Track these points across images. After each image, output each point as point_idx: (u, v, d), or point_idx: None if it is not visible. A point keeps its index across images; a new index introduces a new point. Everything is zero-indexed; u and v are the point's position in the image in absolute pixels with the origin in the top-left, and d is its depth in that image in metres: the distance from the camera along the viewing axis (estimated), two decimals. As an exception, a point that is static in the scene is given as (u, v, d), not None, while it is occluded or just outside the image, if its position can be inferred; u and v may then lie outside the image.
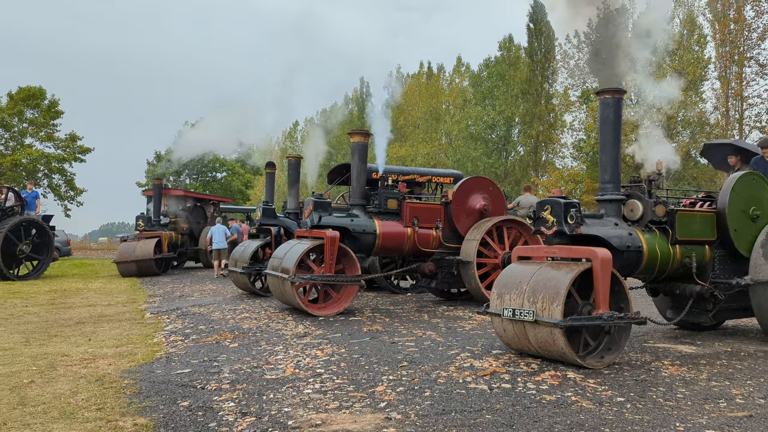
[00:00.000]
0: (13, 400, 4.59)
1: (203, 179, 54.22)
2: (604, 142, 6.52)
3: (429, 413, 4.21)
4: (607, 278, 5.49)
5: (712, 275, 6.95)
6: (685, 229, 6.69)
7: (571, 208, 6.00)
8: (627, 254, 6.27)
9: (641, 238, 6.43)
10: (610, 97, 6.43)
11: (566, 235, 6.00)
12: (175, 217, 21.22)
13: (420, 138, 48.57)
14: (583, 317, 5.50)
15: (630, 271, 6.54)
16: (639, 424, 3.99)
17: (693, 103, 33.78)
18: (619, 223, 6.43)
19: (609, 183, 6.53)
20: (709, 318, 7.17)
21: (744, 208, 6.97)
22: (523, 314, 5.51)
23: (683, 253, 6.72)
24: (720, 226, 6.94)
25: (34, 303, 11.09)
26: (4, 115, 37.74)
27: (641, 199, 6.64)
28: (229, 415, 4.22)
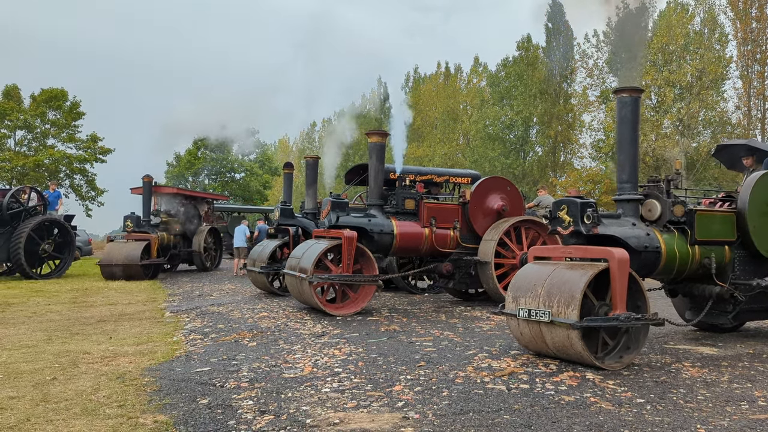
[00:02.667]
0: (36, 397, 4.66)
1: (222, 180, 54.61)
2: (622, 141, 6.45)
3: (447, 413, 4.21)
4: (624, 279, 5.43)
5: (732, 276, 6.82)
6: (704, 229, 6.58)
7: (588, 208, 5.95)
8: (645, 255, 6.20)
9: (659, 239, 6.34)
10: (628, 96, 6.36)
11: (583, 235, 5.95)
12: (167, 216, 19.73)
13: (437, 138, 48.49)
14: (600, 318, 5.44)
15: (648, 272, 6.45)
16: (659, 426, 3.95)
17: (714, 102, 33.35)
18: (637, 223, 6.35)
19: (627, 183, 6.45)
20: (728, 320, 7.03)
21: (764, 209, 6.86)
22: (539, 315, 5.47)
23: (702, 254, 6.61)
24: (740, 226, 6.82)
25: (56, 301, 11.25)
26: (27, 116, 38.35)
27: (659, 199, 6.57)
28: (248, 413, 4.25)
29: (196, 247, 19.69)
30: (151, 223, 18.28)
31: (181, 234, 19.90)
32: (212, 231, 20.69)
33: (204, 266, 19.85)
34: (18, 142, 39.33)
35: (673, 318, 6.86)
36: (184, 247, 19.96)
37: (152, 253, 17.19)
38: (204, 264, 19.84)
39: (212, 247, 20.75)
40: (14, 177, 37.15)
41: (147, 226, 17.96)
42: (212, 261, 20.74)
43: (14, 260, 16.12)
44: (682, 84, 33.14)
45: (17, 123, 38.39)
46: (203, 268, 19.85)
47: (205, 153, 54.25)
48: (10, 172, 37.10)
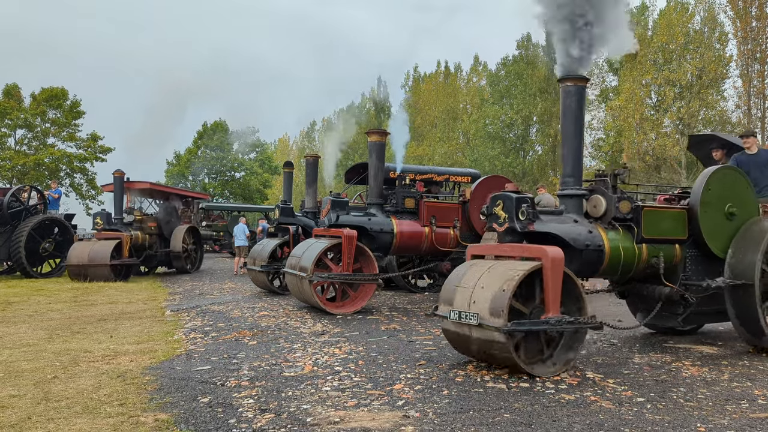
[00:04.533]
0: (37, 395, 4.67)
1: (222, 179, 54.61)
2: (566, 133, 6.08)
3: (447, 412, 4.21)
4: (558, 279, 5.10)
5: (682, 277, 6.44)
6: (651, 226, 6.20)
7: (523, 204, 5.60)
8: (586, 253, 5.83)
9: (603, 236, 5.97)
10: (572, 84, 5.98)
11: (518, 232, 5.60)
12: (142, 214, 18.17)
13: (437, 137, 48.50)
14: (528, 321, 5.09)
15: (591, 272, 6.10)
16: (659, 425, 3.96)
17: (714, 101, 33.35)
18: (580, 220, 5.99)
19: (570, 177, 6.09)
20: (678, 322, 6.65)
21: (719, 206, 6.45)
22: (468, 318, 5.10)
23: (650, 253, 6.23)
24: (692, 224, 6.43)
25: (57, 300, 11.26)
26: (27, 115, 38.36)
27: (605, 195, 6.20)
28: (249, 411, 4.25)
29: (174, 248, 18.06)
30: (124, 222, 16.96)
31: (158, 233, 18.29)
32: (192, 231, 19.28)
33: (183, 268, 18.25)
34: (18, 141, 39.33)
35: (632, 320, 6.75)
36: (161, 248, 18.34)
37: (124, 253, 15.88)
38: (183, 265, 18.25)
39: (192, 247, 19.20)
40: (15, 176, 37.16)
41: (119, 224, 16.72)
42: (192, 262, 19.10)
43: (15, 259, 16.14)
44: (682, 83, 33.14)
45: (18, 122, 38.39)
46: (182, 269, 18.27)
47: (205, 152, 54.25)
48: (10, 171, 37.12)
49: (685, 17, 33.21)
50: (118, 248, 15.71)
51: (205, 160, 54.22)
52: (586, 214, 6.19)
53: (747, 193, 6.65)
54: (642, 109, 33.74)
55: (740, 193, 6.60)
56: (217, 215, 35.96)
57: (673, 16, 33.11)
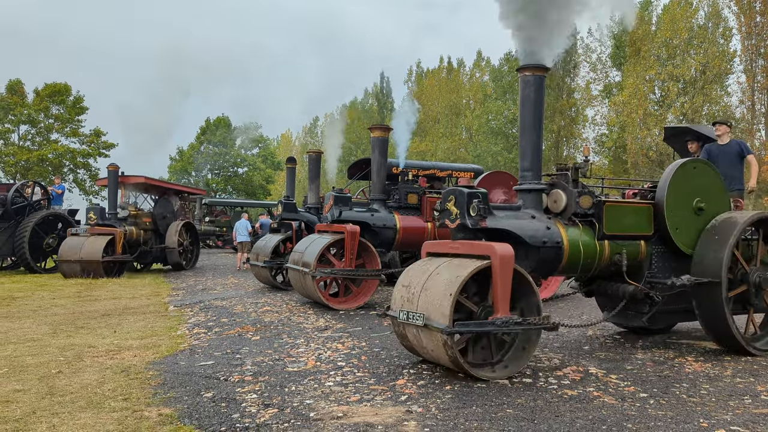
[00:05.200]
0: (42, 390, 4.69)
1: (225, 175, 54.65)
2: (524, 125, 5.77)
3: (450, 407, 4.22)
4: (506, 278, 4.87)
5: (648, 274, 6.14)
6: (613, 222, 5.90)
7: (474, 199, 5.32)
8: (543, 250, 5.55)
9: (562, 233, 5.68)
10: (531, 74, 5.69)
11: (470, 228, 5.34)
12: (136, 210, 17.64)
13: (440, 133, 48.47)
14: (472, 323, 4.87)
15: (550, 270, 5.84)
16: (662, 420, 3.96)
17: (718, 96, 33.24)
18: (538, 216, 5.70)
19: (528, 171, 5.79)
20: (642, 321, 6.26)
21: (686, 200, 6.19)
22: (415, 318, 4.92)
23: (613, 250, 5.93)
24: (657, 219, 6.13)
25: (60, 295, 11.29)
26: (30, 111, 38.42)
27: (565, 190, 5.91)
28: (252, 406, 4.27)
29: (170, 244, 17.47)
30: (118, 217, 16.47)
31: (153, 229, 17.76)
32: (188, 226, 18.71)
33: (178, 264, 17.66)
34: (22, 137, 39.41)
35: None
36: (156, 244, 17.74)
37: (117, 249, 15.46)
38: (178, 262, 17.65)
39: (188, 243, 18.62)
40: (18, 171, 37.26)
41: (113, 219, 16.24)
42: (188, 259, 18.53)
43: (19, 254, 16.20)
44: (686, 78, 33.05)
45: (21, 118, 38.47)
46: (178, 266, 17.70)
47: (208, 148, 54.29)
48: (14, 167, 37.21)
49: (689, 12, 33.09)
50: (111, 244, 15.29)
51: (208, 155, 54.26)
52: (547, 210, 5.96)
53: (717, 187, 6.38)
54: (645, 104, 33.67)
55: (709, 187, 6.32)
56: (220, 211, 36.01)
57: (677, 11, 32.99)
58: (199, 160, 53.99)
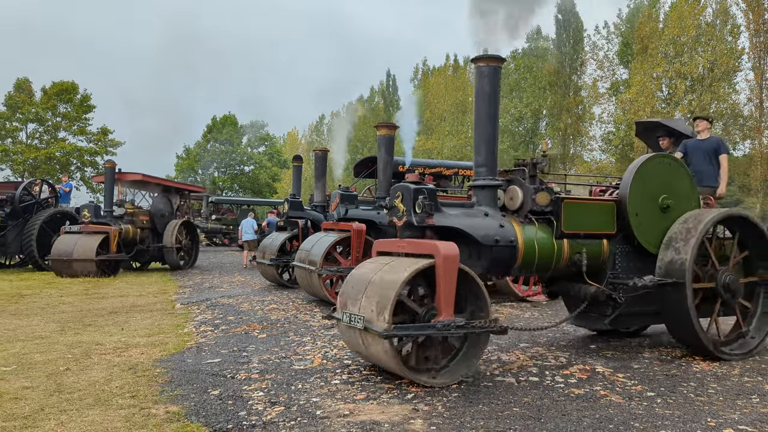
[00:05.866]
0: (50, 387, 4.72)
1: (231, 173, 54.76)
2: (479, 118, 5.50)
3: (456, 405, 4.22)
4: (450, 279, 4.64)
5: (610, 275, 5.83)
6: (573, 220, 5.62)
7: (420, 195, 5.08)
8: (496, 249, 5.28)
9: (516, 231, 5.40)
10: (485, 65, 5.43)
11: (416, 226, 5.12)
12: (134, 207, 17.19)
13: (446, 131, 48.40)
14: (412, 326, 4.63)
15: (504, 270, 5.58)
16: (669, 419, 3.95)
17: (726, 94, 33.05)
18: (491, 213, 5.43)
19: (482, 166, 5.51)
20: (604, 324, 5.97)
21: (652, 197, 5.89)
22: (356, 321, 4.73)
23: (573, 249, 5.62)
24: (621, 217, 5.84)
25: (68, 293, 11.35)
26: (38, 109, 38.61)
27: (522, 186, 5.65)
28: (259, 404, 4.28)
29: (167, 243, 17.00)
30: (114, 214, 16.11)
31: (150, 228, 17.35)
32: (186, 225, 18.20)
33: (175, 264, 17.17)
34: (30, 135, 39.62)
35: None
36: (153, 243, 17.32)
37: (111, 248, 15.03)
38: (176, 261, 17.17)
39: (187, 242, 18.13)
40: (26, 170, 37.45)
41: (109, 217, 15.86)
42: (187, 259, 18.05)
43: (27, 252, 16.30)
44: (694, 76, 32.88)
45: (29, 116, 38.67)
46: (175, 266, 17.21)
47: (214, 146, 54.42)
48: (22, 165, 37.40)
49: (696, 9, 32.90)
50: (106, 243, 14.91)
51: (215, 153, 54.38)
52: (505, 207, 5.72)
53: (685, 184, 6.09)
54: (653, 102, 33.52)
55: (676, 184, 6.03)
56: (226, 209, 36.10)
57: (685, 8, 32.82)
58: (206, 158, 54.12)
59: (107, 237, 14.96)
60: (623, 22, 40.53)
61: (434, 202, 5.11)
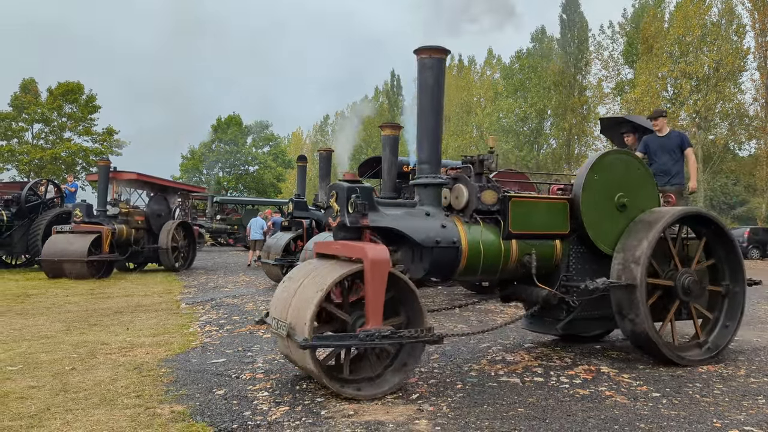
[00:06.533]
0: (55, 386, 4.73)
1: (236, 173, 54.86)
2: (422, 113, 5.21)
3: (461, 405, 4.22)
4: (379, 284, 4.35)
5: (563, 277, 5.53)
6: (521, 220, 5.31)
7: (353, 194, 4.76)
8: (437, 251, 4.98)
9: (460, 232, 5.10)
10: (428, 56, 5.16)
11: (350, 227, 4.80)
12: (128, 207, 16.81)
13: (451, 131, 48.39)
14: (332, 336, 4.37)
15: (446, 273, 5.25)
16: (675, 420, 3.94)
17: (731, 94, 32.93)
18: (434, 213, 5.13)
19: (425, 163, 5.22)
20: (556, 329, 5.69)
21: (607, 195, 5.59)
22: (281, 328, 4.50)
23: (522, 250, 5.33)
24: (575, 217, 5.51)
25: (74, 293, 11.39)
26: (44, 110, 38.77)
27: (467, 184, 5.36)
28: (264, 404, 4.28)
29: (162, 244, 16.67)
30: (108, 214, 15.78)
31: (146, 228, 17.01)
32: (184, 226, 17.90)
33: (172, 266, 16.82)
34: (35, 135, 39.81)
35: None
36: (148, 243, 16.96)
37: (103, 248, 14.67)
38: (171, 263, 16.81)
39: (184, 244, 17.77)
40: (32, 170, 37.61)
41: (102, 216, 15.56)
42: (184, 260, 17.70)
43: (33, 252, 16.37)
44: (699, 75, 32.77)
45: (35, 116, 38.84)
46: (170, 267, 16.87)
47: (219, 146, 54.53)
48: (28, 165, 37.56)
49: (702, 9, 32.82)
50: (97, 243, 14.53)
51: (219, 154, 54.47)
52: (451, 207, 5.45)
53: (643, 182, 5.79)
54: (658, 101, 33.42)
55: (634, 182, 5.72)
56: (231, 209, 36.16)
57: (690, 8, 32.73)
58: (211, 159, 54.21)
59: (99, 237, 14.59)
60: (628, 22, 40.46)
61: (369, 202, 4.81)
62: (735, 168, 38.62)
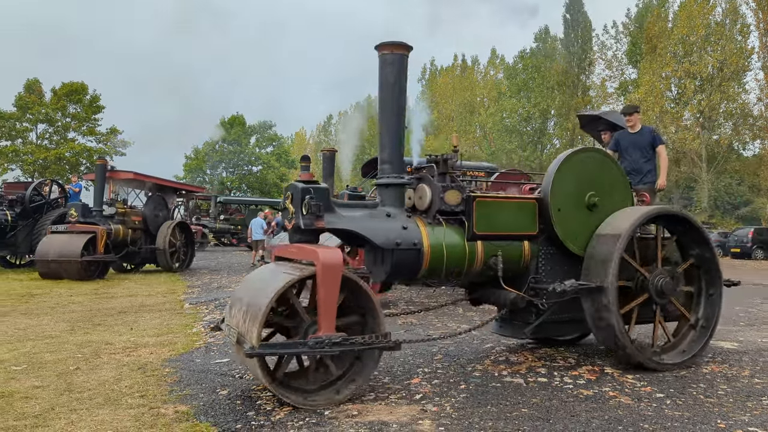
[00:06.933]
0: (60, 386, 4.75)
1: (239, 173, 54.92)
2: (383, 111, 5.01)
3: (465, 406, 4.22)
4: (331, 289, 4.17)
5: (532, 279, 5.32)
6: (486, 220, 5.11)
7: (306, 195, 4.58)
8: (397, 253, 4.80)
9: (422, 233, 4.92)
10: (389, 52, 4.97)
11: (302, 230, 4.63)
12: (125, 207, 16.63)
13: (454, 131, 48.38)
14: (279, 344, 4.20)
15: (408, 276, 5.06)
16: (679, 421, 3.93)
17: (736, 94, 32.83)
18: (395, 214, 4.95)
19: (387, 163, 5.05)
20: (524, 333, 5.48)
21: (577, 195, 5.40)
22: (232, 334, 4.38)
23: (488, 252, 5.14)
24: (544, 217, 5.34)
25: (78, 293, 11.42)
26: (48, 110, 38.86)
27: (430, 184, 5.17)
28: (267, 404, 4.29)
29: (159, 245, 16.49)
30: (104, 214, 15.53)
31: (143, 228, 16.84)
32: (182, 226, 17.74)
33: (169, 266, 16.62)
34: (40, 136, 39.91)
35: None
36: (146, 244, 16.80)
37: (98, 248, 14.42)
38: (169, 264, 16.61)
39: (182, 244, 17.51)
40: (36, 170, 37.72)
41: (98, 216, 15.29)
42: (182, 261, 17.51)
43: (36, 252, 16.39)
44: (703, 75, 32.70)
45: (39, 117, 38.95)
46: (167, 268, 16.67)
47: (222, 146, 54.60)
48: (32, 165, 37.67)
49: (706, 9, 32.73)
50: (91, 243, 14.28)
51: (223, 154, 54.54)
52: (415, 208, 5.27)
53: (615, 180, 5.60)
54: (662, 102, 33.36)
55: (606, 180, 5.53)
56: (234, 209, 36.22)
57: (694, 7, 32.66)
58: (214, 159, 54.29)
59: (94, 237, 14.35)
60: (632, 22, 40.40)
61: (325, 203, 4.63)
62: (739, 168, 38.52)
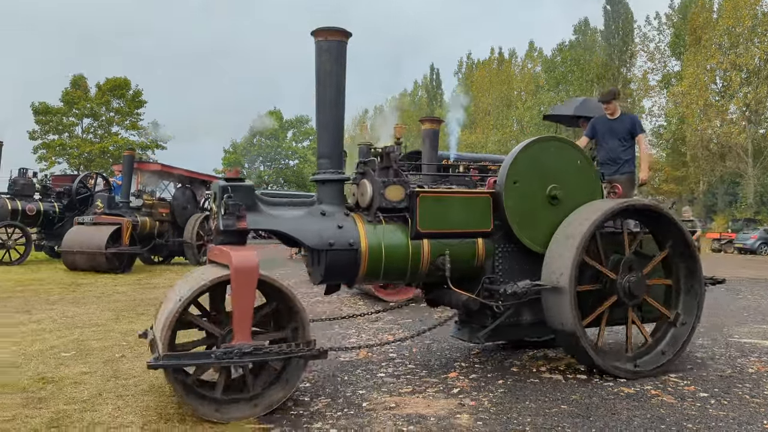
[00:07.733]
0: (107, 373, 4.89)
1: (276, 167, 55.51)
2: (320, 102, 4.68)
3: (503, 401, 4.20)
4: (245, 294, 3.86)
5: (486, 279, 4.87)
6: (431, 217, 4.72)
7: (225, 194, 4.26)
8: (331, 255, 4.49)
9: (360, 232, 4.57)
10: (324, 39, 4.61)
11: (223, 231, 4.30)
12: (153, 199, 16.25)
13: (491, 124, 48.01)
14: (184, 354, 3.89)
15: (346, 278, 4.76)
16: (723, 421, 3.85)
17: (786, 86, 31.76)
18: (330, 212, 4.62)
19: (325, 158, 4.71)
20: (478, 338, 5.03)
21: (536, 187, 4.98)
22: (150, 338, 4.22)
23: (436, 251, 4.75)
24: (499, 212, 4.93)
25: (121, 282, 11.72)
26: (93, 105, 39.90)
27: (372, 180, 4.84)
28: (305, 395, 4.35)
29: (187, 238, 15.94)
30: (131, 206, 15.21)
31: (171, 221, 16.40)
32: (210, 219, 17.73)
33: (196, 260, 15.99)
34: (85, 130, 41.04)
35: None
36: (174, 237, 16.35)
37: (123, 240, 14.09)
38: (196, 257, 16.02)
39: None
40: (81, 163, 38.81)
41: (125, 208, 15.02)
42: None
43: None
44: (749, 68, 31.71)
45: (84, 111, 40.02)
46: (195, 261, 16.01)
47: (260, 140, 55.24)
48: (78, 159, 38.77)
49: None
50: (117, 235, 13.96)
51: (260, 148, 55.18)
52: (358, 205, 4.94)
53: (581, 171, 5.14)
54: (706, 94, 32.49)
55: (571, 171, 5.09)
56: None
57: (742, -3, 31.66)
58: (252, 153, 54.98)
59: (119, 229, 14.09)
60: (675, 13, 39.40)
61: (248, 202, 4.34)
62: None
